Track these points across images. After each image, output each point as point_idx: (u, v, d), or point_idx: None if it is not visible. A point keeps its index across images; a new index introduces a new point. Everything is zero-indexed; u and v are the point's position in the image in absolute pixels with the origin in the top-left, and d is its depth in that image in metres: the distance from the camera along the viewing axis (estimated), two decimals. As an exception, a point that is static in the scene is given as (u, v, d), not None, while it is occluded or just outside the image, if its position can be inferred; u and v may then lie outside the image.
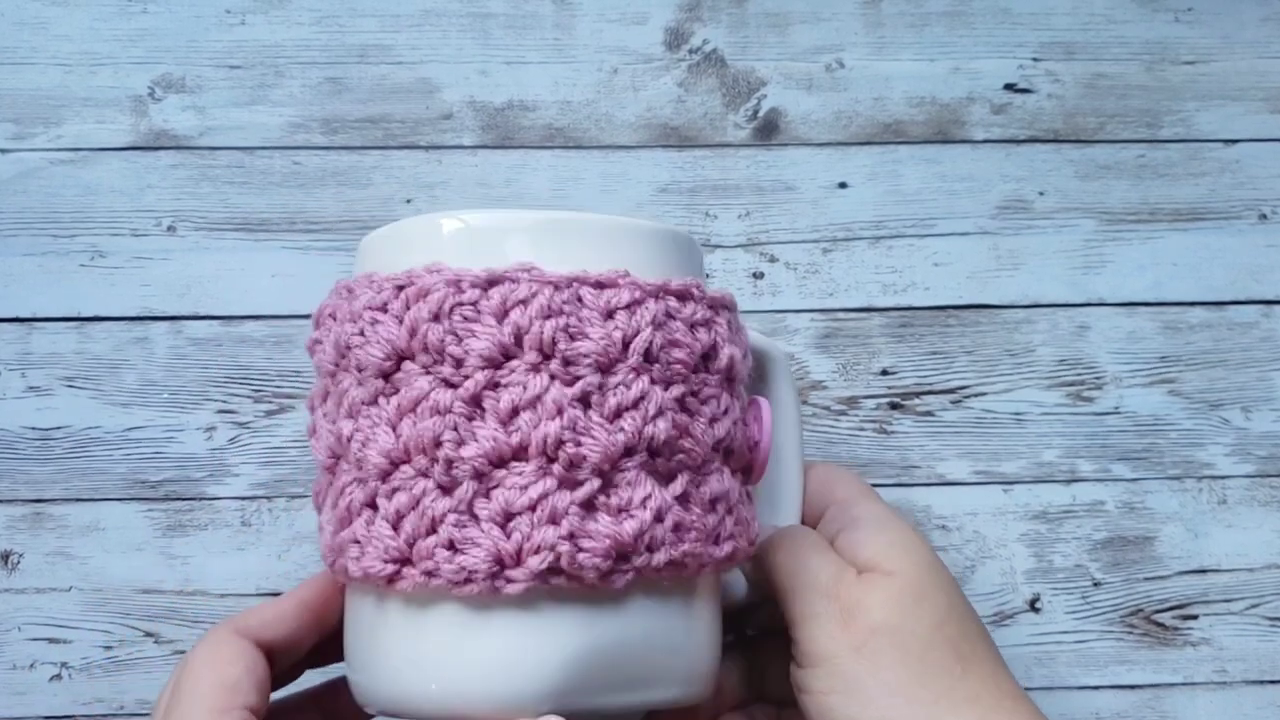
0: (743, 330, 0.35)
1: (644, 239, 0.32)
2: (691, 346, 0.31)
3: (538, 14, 0.48)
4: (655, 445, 0.30)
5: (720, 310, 0.33)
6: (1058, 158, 0.49)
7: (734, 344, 0.33)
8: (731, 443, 0.33)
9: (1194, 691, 0.46)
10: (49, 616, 0.44)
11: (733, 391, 0.33)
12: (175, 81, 0.47)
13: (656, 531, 0.30)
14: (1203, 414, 0.48)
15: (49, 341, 0.46)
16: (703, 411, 0.32)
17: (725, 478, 0.33)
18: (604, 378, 0.30)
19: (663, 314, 0.31)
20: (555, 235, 0.31)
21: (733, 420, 0.33)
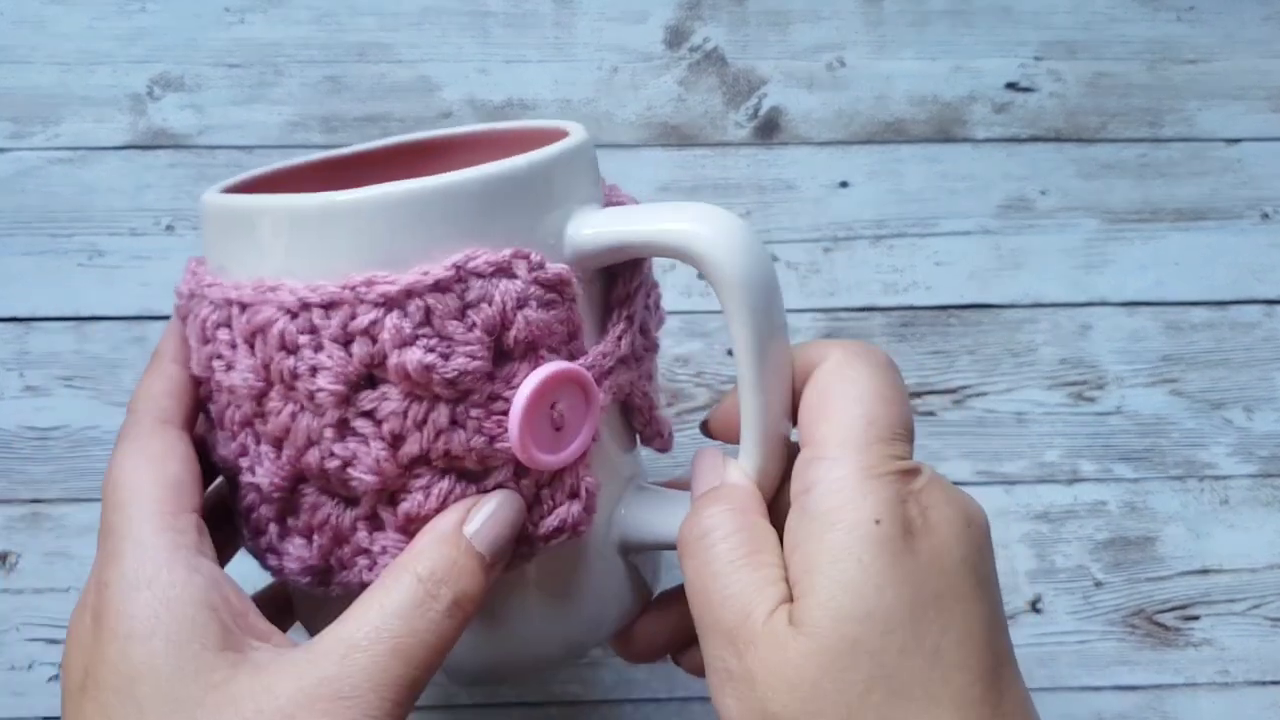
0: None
1: (474, 197, 0.28)
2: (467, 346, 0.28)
3: (537, 12, 0.48)
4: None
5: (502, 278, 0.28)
6: (1059, 157, 0.49)
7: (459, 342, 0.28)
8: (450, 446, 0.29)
9: (1196, 692, 0.46)
10: (48, 617, 0.44)
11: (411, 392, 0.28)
12: (174, 80, 0.47)
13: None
14: (1205, 414, 0.47)
15: (47, 341, 0.46)
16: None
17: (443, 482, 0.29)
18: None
19: (416, 321, 0.27)
20: (360, 218, 0.27)
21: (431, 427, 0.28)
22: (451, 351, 0.27)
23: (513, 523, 0.29)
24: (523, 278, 0.28)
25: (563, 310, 0.29)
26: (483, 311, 0.27)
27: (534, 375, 0.28)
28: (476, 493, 0.29)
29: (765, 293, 0.28)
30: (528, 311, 0.28)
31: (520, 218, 0.28)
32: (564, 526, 0.30)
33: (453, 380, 0.27)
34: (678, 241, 0.28)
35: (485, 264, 0.28)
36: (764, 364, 0.29)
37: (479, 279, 0.27)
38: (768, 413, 0.29)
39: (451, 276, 0.27)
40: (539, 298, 0.28)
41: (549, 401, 0.29)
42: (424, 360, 0.27)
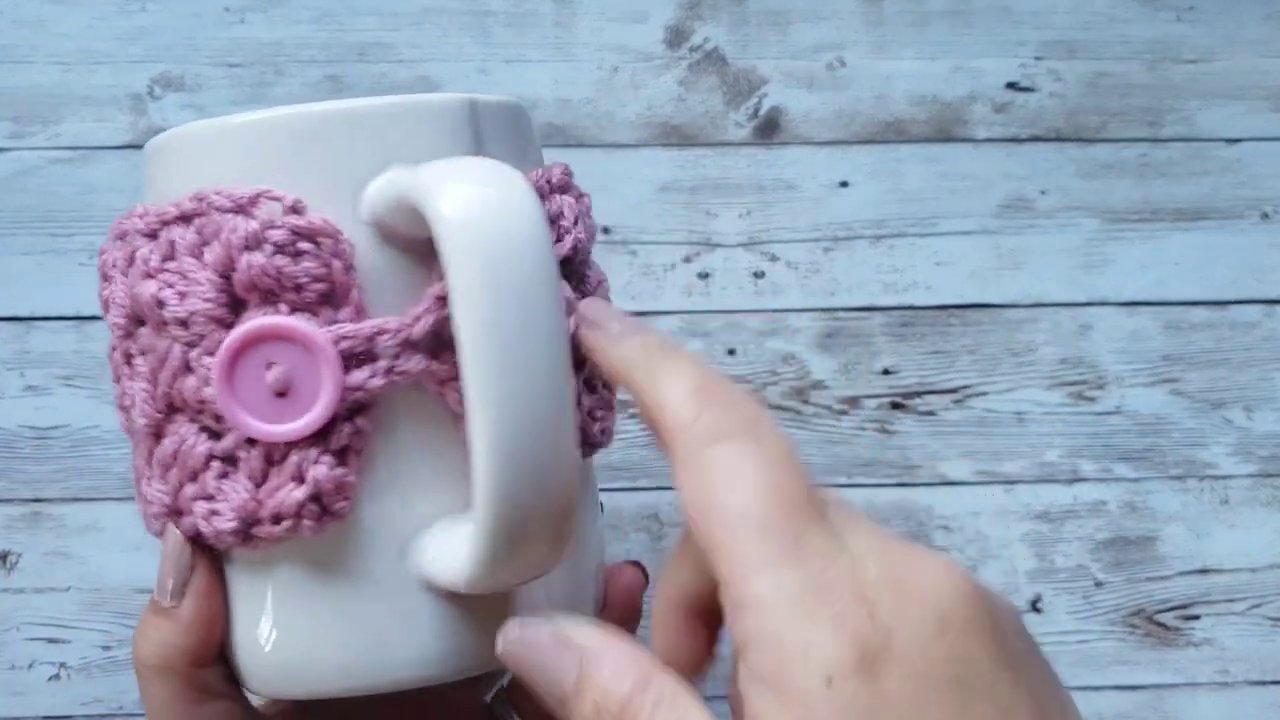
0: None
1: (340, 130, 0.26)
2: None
3: (538, 12, 0.48)
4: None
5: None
6: (1060, 156, 0.49)
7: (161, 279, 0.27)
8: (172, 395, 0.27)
9: (1196, 692, 0.46)
10: (48, 616, 0.44)
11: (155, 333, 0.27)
12: (174, 80, 0.47)
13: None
14: (1205, 414, 0.47)
15: (47, 340, 0.46)
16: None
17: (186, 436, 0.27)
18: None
19: (162, 254, 0.27)
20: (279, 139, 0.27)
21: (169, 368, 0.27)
22: (188, 290, 0.26)
23: (169, 554, 0.28)
24: (261, 219, 0.25)
25: (316, 264, 0.25)
26: (213, 250, 0.26)
27: (239, 326, 0.25)
28: (212, 450, 0.27)
29: (507, 285, 0.22)
30: (256, 255, 0.25)
31: (314, 167, 0.26)
32: (285, 513, 0.26)
33: (184, 320, 0.26)
34: (407, 188, 0.24)
35: (226, 199, 0.26)
36: (492, 389, 0.22)
37: (219, 214, 0.26)
38: (505, 446, 0.23)
39: (193, 210, 0.26)
40: (282, 243, 0.25)
41: (262, 360, 0.25)
42: (157, 294, 0.26)
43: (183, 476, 0.27)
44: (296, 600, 0.27)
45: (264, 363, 0.25)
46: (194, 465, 0.27)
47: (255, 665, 0.28)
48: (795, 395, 0.47)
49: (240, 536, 0.27)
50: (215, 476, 0.27)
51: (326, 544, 0.27)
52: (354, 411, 0.26)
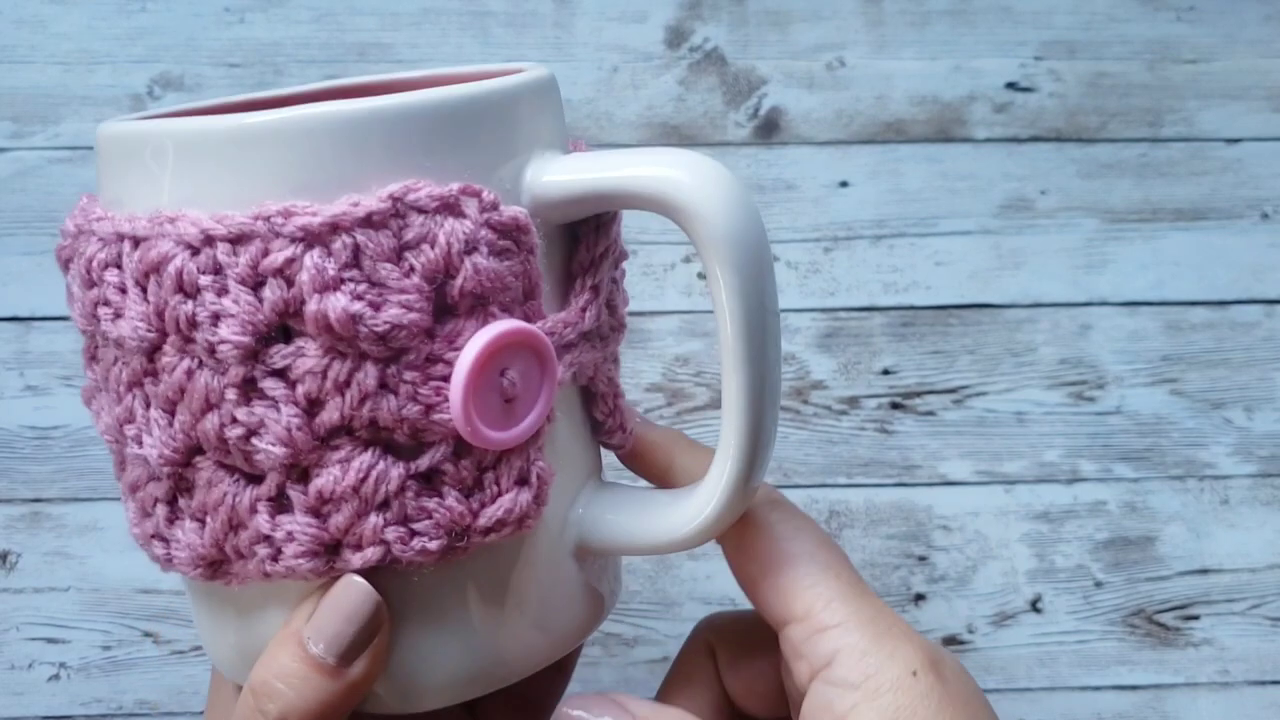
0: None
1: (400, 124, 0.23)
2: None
3: (537, 12, 0.48)
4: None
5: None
6: (1060, 156, 0.49)
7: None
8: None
9: (1196, 692, 0.46)
10: (47, 616, 0.44)
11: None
12: (174, 80, 0.47)
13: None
14: (1204, 414, 0.47)
15: (47, 340, 0.46)
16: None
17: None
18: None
19: (342, 261, 0.23)
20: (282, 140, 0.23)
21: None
22: (383, 300, 0.23)
23: (352, 613, 0.24)
24: (472, 218, 0.23)
25: (518, 262, 0.24)
26: (424, 254, 0.23)
27: (483, 332, 0.24)
28: (405, 472, 0.24)
29: (755, 251, 0.24)
30: (477, 258, 0.23)
31: (471, 154, 0.24)
32: (508, 518, 0.25)
33: (384, 335, 0.23)
34: (652, 189, 0.24)
35: (428, 198, 0.23)
36: (754, 337, 0.24)
37: (420, 215, 0.23)
38: (761, 398, 0.25)
39: (387, 210, 0.23)
40: (491, 243, 0.23)
41: (499, 367, 0.24)
42: (350, 309, 0.22)
43: (365, 506, 0.24)
44: (473, 602, 0.26)
45: (501, 369, 0.24)
46: (388, 490, 0.24)
47: (412, 685, 0.26)
48: (795, 395, 0.47)
49: (442, 553, 0.24)
50: (414, 497, 0.24)
51: (498, 553, 0.26)
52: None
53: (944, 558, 0.46)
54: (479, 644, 0.26)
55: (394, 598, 0.25)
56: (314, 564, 0.24)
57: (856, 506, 0.46)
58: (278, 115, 0.23)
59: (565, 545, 0.27)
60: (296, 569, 0.24)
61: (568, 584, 0.28)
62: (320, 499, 0.24)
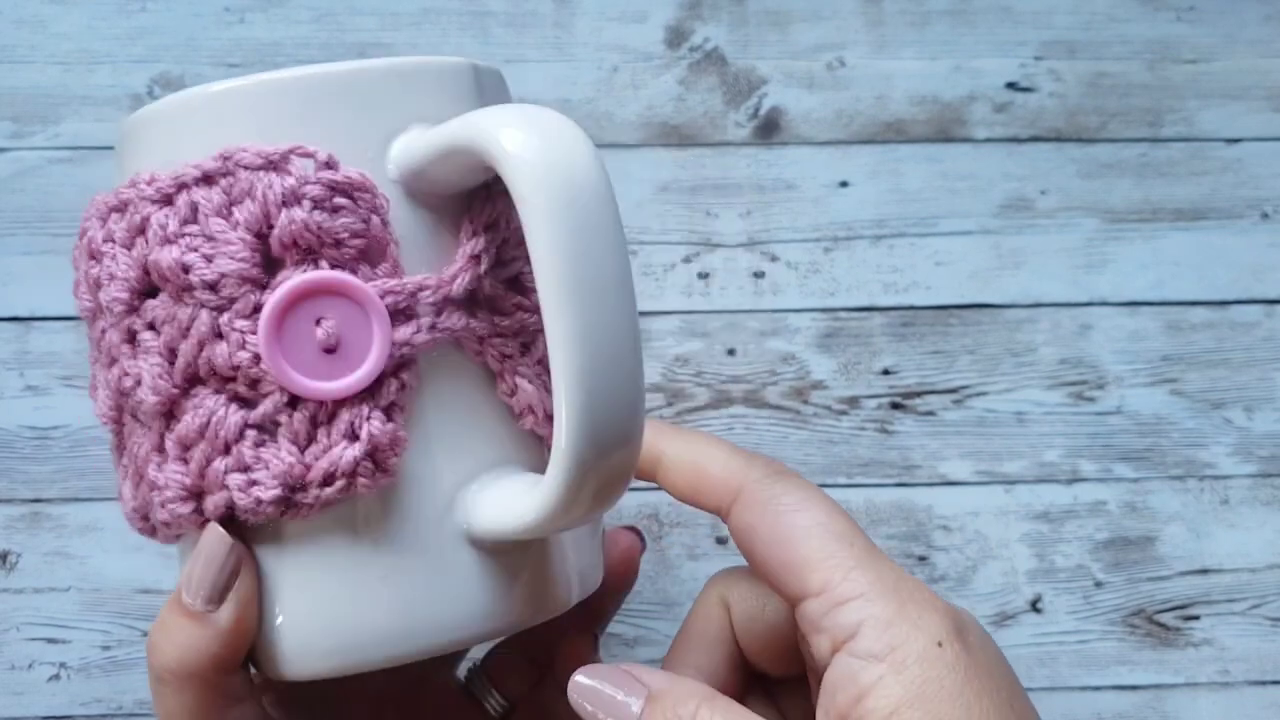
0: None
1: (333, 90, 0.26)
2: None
3: (537, 12, 0.48)
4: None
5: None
6: (1060, 156, 0.49)
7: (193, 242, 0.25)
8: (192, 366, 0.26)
9: (1196, 692, 0.46)
10: (47, 616, 0.44)
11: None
12: (174, 80, 0.47)
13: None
14: (1205, 414, 0.47)
15: (47, 340, 0.46)
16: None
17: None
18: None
19: (182, 216, 0.26)
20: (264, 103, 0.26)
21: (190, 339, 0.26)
22: (215, 253, 0.25)
23: (210, 557, 0.25)
24: (296, 174, 0.25)
25: (354, 219, 0.25)
26: (246, 208, 0.25)
27: (289, 280, 0.25)
28: (243, 420, 0.25)
29: (584, 210, 0.22)
30: (296, 211, 0.25)
31: (339, 125, 0.26)
32: (334, 471, 0.25)
33: (213, 283, 0.25)
34: (469, 135, 0.24)
35: (255, 155, 0.25)
36: (575, 296, 0.22)
37: (246, 171, 0.25)
38: (588, 361, 0.23)
39: (218, 169, 0.25)
40: (319, 199, 0.25)
41: (312, 315, 0.25)
42: (181, 259, 0.25)
43: (211, 451, 0.25)
44: (334, 572, 0.26)
45: (313, 319, 0.25)
46: (227, 436, 0.25)
47: (284, 648, 0.27)
48: (795, 395, 0.47)
49: (282, 506, 0.25)
50: (252, 445, 0.25)
51: (366, 507, 0.26)
52: (398, 368, 0.26)
53: (944, 558, 0.46)
54: (348, 616, 0.26)
55: (270, 557, 0.26)
56: (186, 510, 0.26)
57: (856, 507, 0.46)
58: (196, 91, 0.26)
59: (452, 527, 0.27)
60: (174, 515, 0.26)
61: (459, 569, 0.27)
62: (181, 445, 0.26)
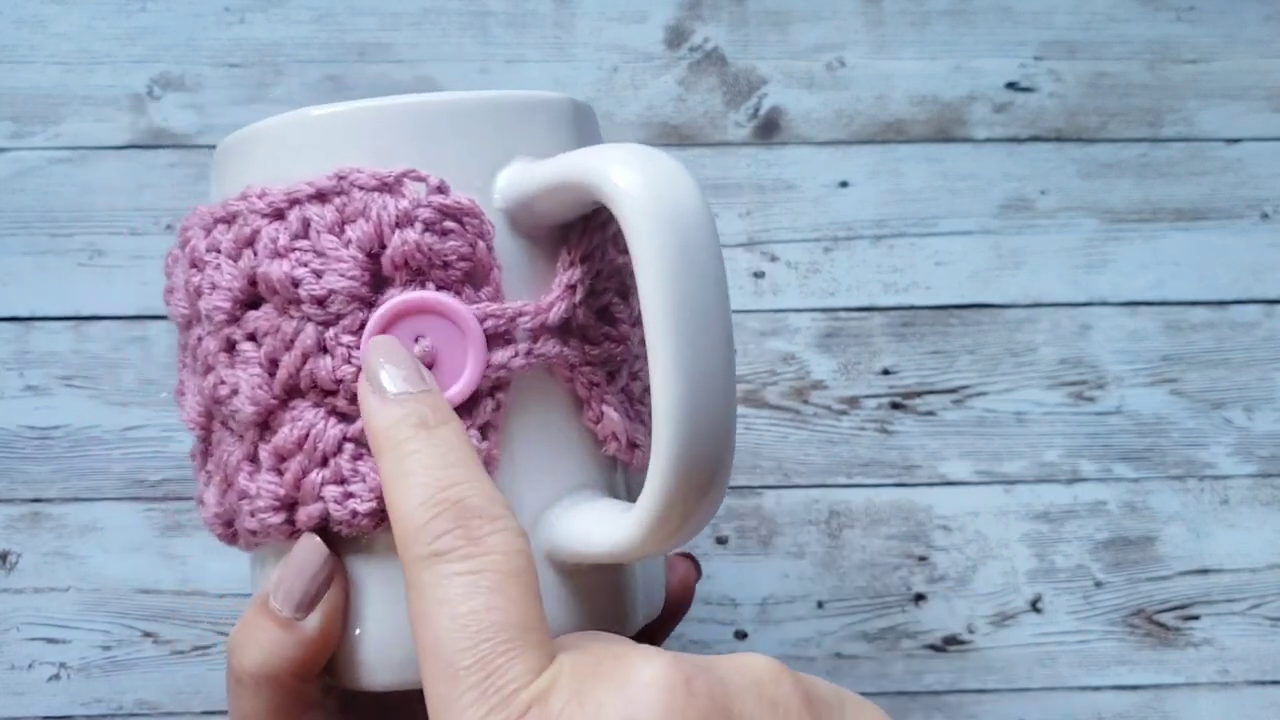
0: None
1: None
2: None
3: (538, 12, 0.48)
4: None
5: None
6: (1060, 156, 0.49)
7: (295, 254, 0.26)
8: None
9: (1196, 692, 0.46)
10: (47, 616, 0.44)
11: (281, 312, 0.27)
12: (174, 80, 0.47)
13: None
14: (1204, 414, 0.47)
15: (47, 340, 0.46)
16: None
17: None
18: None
19: (293, 231, 0.26)
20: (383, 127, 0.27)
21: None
22: (325, 269, 0.25)
23: (302, 565, 0.26)
24: (409, 197, 0.26)
25: (462, 243, 0.26)
26: (359, 227, 0.25)
27: (392, 298, 0.26)
28: (342, 434, 0.26)
29: (685, 234, 0.23)
30: (409, 233, 0.25)
31: (450, 152, 0.27)
32: None
33: (321, 299, 0.25)
34: (581, 172, 0.24)
35: (369, 177, 0.26)
36: (684, 332, 0.23)
37: (361, 192, 0.26)
38: (687, 429, 0.23)
39: (332, 187, 0.26)
40: (430, 222, 0.26)
41: (410, 333, 0.26)
42: (291, 273, 0.25)
43: (309, 463, 0.26)
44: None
45: (411, 336, 0.26)
46: (325, 449, 0.26)
47: (366, 659, 0.27)
48: (795, 395, 0.47)
49: (377, 519, 0.26)
50: (350, 459, 0.26)
51: None
52: (494, 389, 0.26)
53: (944, 558, 0.46)
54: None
55: (357, 568, 0.27)
56: (277, 520, 0.26)
57: (856, 506, 0.46)
58: (311, 111, 0.27)
59: (534, 546, 0.27)
60: (264, 524, 0.26)
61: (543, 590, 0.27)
62: (277, 456, 0.26)
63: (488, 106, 0.27)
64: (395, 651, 0.27)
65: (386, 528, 0.26)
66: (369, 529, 0.26)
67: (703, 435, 0.23)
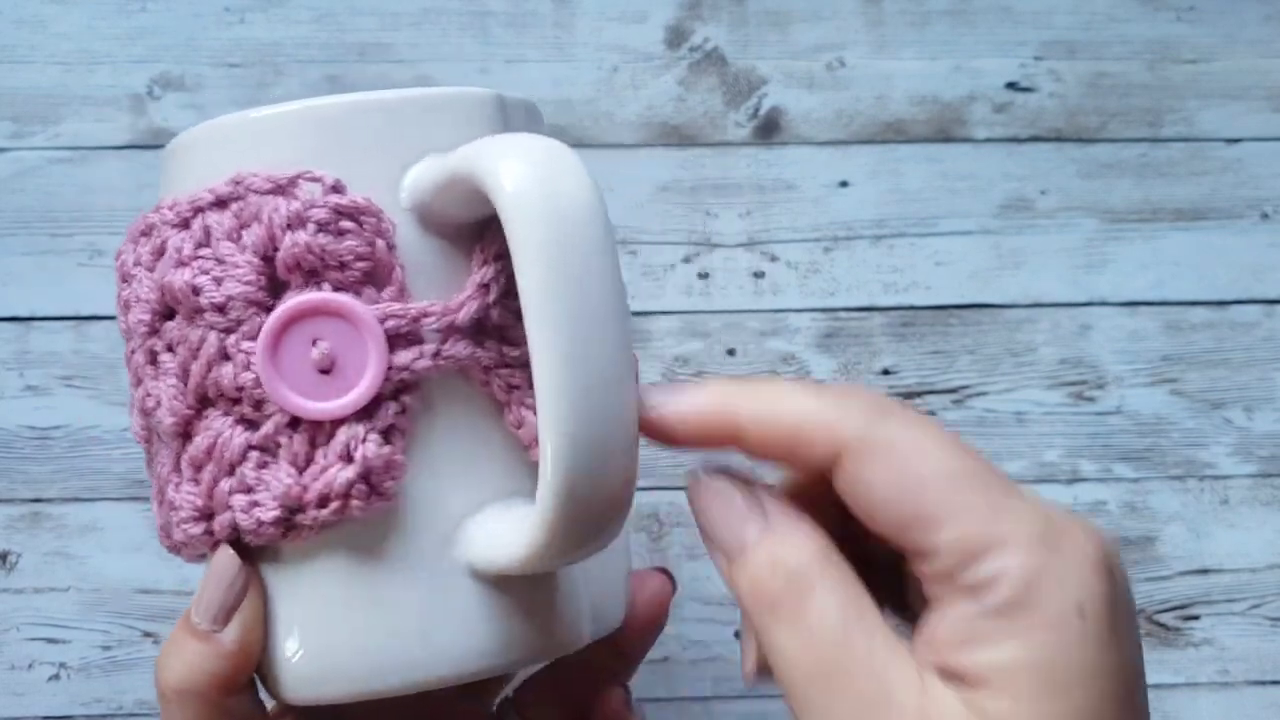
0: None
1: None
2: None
3: (538, 12, 0.48)
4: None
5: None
6: (1060, 156, 0.49)
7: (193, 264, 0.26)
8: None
9: (1196, 692, 0.46)
10: (47, 617, 0.44)
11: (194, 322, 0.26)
12: (174, 80, 0.47)
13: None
14: (1205, 414, 0.47)
15: (47, 340, 0.46)
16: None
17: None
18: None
19: (196, 240, 0.26)
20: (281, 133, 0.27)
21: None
22: (225, 275, 0.25)
23: (218, 576, 0.26)
24: (303, 198, 0.25)
25: (359, 242, 0.25)
26: (253, 231, 0.25)
27: (284, 301, 0.25)
28: (246, 441, 0.26)
29: (574, 245, 0.22)
30: (301, 234, 0.25)
31: (353, 153, 0.26)
32: (329, 493, 0.25)
33: (221, 306, 0.25)
34: (465, 167, 0.24)
35: (264, 180, 0.25)
36: (560, 358, 0.22)
37: (256, 195, 0.25)
38: (570, 445, 0.22)
39: (229, 193, 0.25)
40: (324, 222, 0.25)
41: (309, 336, 0.25)
42: (193, 281, 0.25)
43: (218, 472, 0.26)
44: (336, 597, 0.26)
45: (309, 340, 0.25)
46: (231, 457, 0.26)
47: (289, 672, 0.27)
48: (795, 395, 0.47)
49: (282, 527, 0.26)
50: (255, 467, 0.26)
51: (369, 532, 0.26)
52: (398, 392, 0.25)
53: (944, 558, 0.46)
54: (348, 643, 0.26)
55: (274, 579, 0.27)
56: (198, 530, 0.26)
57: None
58: (227, 119, 0.27)
59: (454, 558, 0.26)
60: (188, 535, 0.26)
61: (460, 600, 0.26)
62: (194, 466, 0.26)
63: (392, 104, 0.27)
64: (319, 664, 0.26)
65: (293, 536, 0.26)
66: (276, 537, 0.26)
67: (591, 440, 0.22)
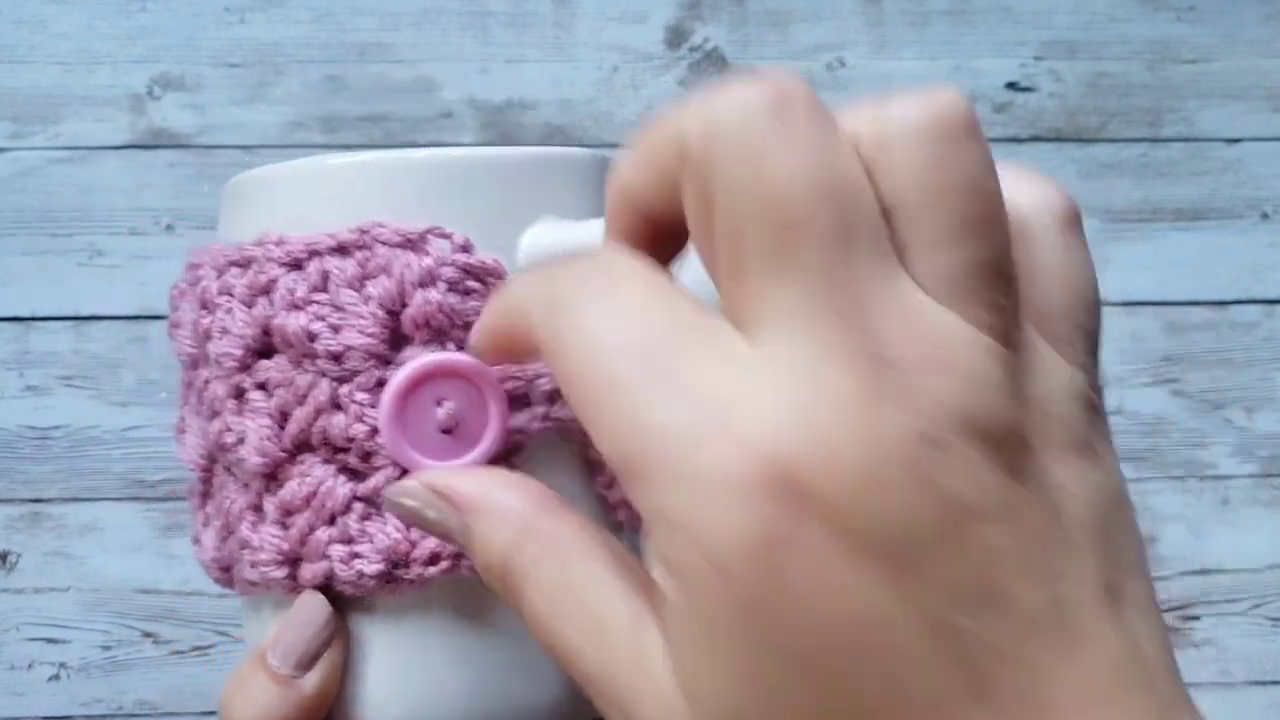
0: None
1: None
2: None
3: (538, 12, 0.48)
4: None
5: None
6: (1060, 156, 0.49)
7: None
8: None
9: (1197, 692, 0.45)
10: (47, 617, 0.44)
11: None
12: (174, 80, 0.47)
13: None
14: (1205, 414, 0.47)
15: (47, 341, 0.46)
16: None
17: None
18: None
19: (311, 284, 0.26)
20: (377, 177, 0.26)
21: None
22: (343, 324, 0.25)
23: (303, 623, 0.26)
24: (434, 255, 0.25)
25: (483, 303, 0.25)
26: (380, 283, 0.25)
27: (415, 360, 0.25)
28: (352, 492, 0.25)
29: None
30: (431, 292, 0.25)
31: (476, 209, 0.26)
32: (440, 552, 0.25)
33: (338, 355, 0.25)
34: (592, 245, 0.26)
35: (393, 232, 0.25)
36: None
37: (384, 248, 0.25)
38: None
39: (354, 240, 0.25)
40: (453, 281, 0.25)
41: (434, 396, 0.25)
42: (308, 327, 0.25)
43: (315, 520, 0.25)
44: (423, 646, 0.26)
45: (434, 399, 0.25)
46: (334, 507, 0.25)
47: (363, 718, 0.27)
48: (795, 395, 0.47)
49: (384, 580, 0.25)
50: (359, 518, 0.25)
51: (464, 586, 0.27)
52: (510, 453, 0.25)
53: (944, 558, 0.46)
54: (427, 691, 0.26)
55: (359, 627, 0.26)
56: (280, 574, 0.26)
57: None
58: (340, 159, 0.26)
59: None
60: (266, 577, 0.26)
61: (541, 657, 0.26)
62: (283, 510, 0.26)
63: (515, 162, 0.26)
64: (393, 710, 0.27)
65: (392, 589, 0.25)
66: (375, 590, 0.25)
67: None
